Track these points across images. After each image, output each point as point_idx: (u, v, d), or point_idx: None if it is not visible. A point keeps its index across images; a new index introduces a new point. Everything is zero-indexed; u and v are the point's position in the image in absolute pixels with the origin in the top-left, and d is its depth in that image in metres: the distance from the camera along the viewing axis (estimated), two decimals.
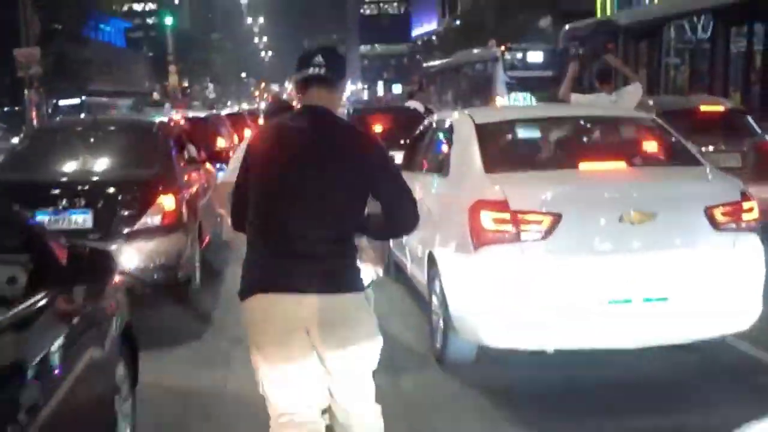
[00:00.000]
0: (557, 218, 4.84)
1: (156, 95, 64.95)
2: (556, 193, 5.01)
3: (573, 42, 17.72)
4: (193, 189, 8.15)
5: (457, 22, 57.87)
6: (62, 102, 44.32)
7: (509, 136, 6.52)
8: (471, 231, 4.99)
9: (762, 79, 11.07)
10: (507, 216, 4.90)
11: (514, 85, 24.03)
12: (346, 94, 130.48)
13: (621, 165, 5.58)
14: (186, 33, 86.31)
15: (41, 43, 47.34)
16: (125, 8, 78.98)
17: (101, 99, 49.61)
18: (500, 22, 40.72)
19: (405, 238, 6.46)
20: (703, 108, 9.69)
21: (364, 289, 3.10)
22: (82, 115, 44.28)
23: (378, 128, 12.53)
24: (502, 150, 6.25)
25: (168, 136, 8.32)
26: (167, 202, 7.01)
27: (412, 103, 19.87)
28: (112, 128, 9.11)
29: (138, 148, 8.05)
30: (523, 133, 6.49)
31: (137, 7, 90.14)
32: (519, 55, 26.06)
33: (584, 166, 5.51)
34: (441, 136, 6.92)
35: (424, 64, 44.97)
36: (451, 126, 6.50)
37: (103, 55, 62.49)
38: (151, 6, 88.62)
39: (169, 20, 50.13)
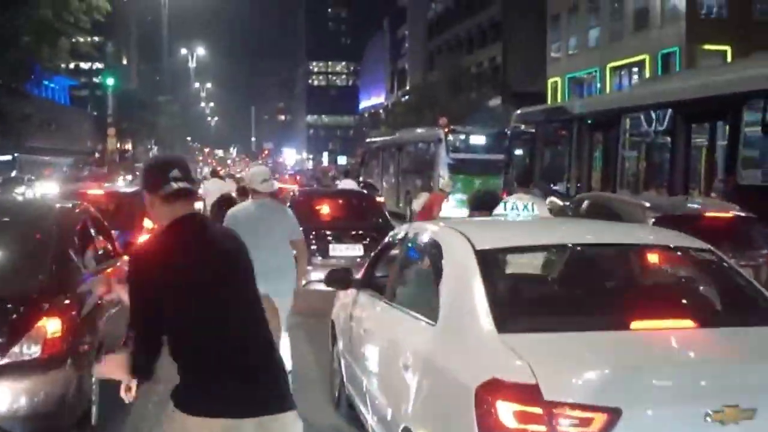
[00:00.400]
0: (615, 416, 3.23)
1: (97, 155, 63.73)
2: (613, 377, 3.39)
3: (525, 125, 17.34)
4: (95, 299, 5.97)
5: (406, 98, 58.68)
6: None
7: (528, 272, 4.80)
8: (479, 426, 3.35)
9: (726, 176, 10.95)
10: (539, 411, 3.24)
11: (457, 167, 24.06)
12: (290, 162, 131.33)
13: (688, 324, 3.99)
14: (132, 93, 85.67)
15: None
16: (72, 66, 77.93)
17: (35, 156, 48.06)
18: (452, 98, 41.35)
19: (366, 385, 5.13)
20: (710, 214, 8.54)
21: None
22: (13, 173, 43.06)
23: (325, 212, 12.40)
24: (519, 294, 4.43)
25: (68, 227, 6.53)
26: (50, 325, 5.25)
27: (347, 183, 20.29)
28: None
29: (23, 246, 6.14)
30: (549, 266, 4.86)
31: (84, 65, 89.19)
32: (462, 137, 25.94)
33: (640, 325, 3.86)
34: (422, 258, 5.22)
35: (367, 140, 45.57)
36: (437, 246, 4.63)
37: (45, 112, 61.13)
38: (98, 65, 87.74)
39: (110, 81, 49.32)
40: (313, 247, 10.17)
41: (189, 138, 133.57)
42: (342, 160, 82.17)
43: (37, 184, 37.47)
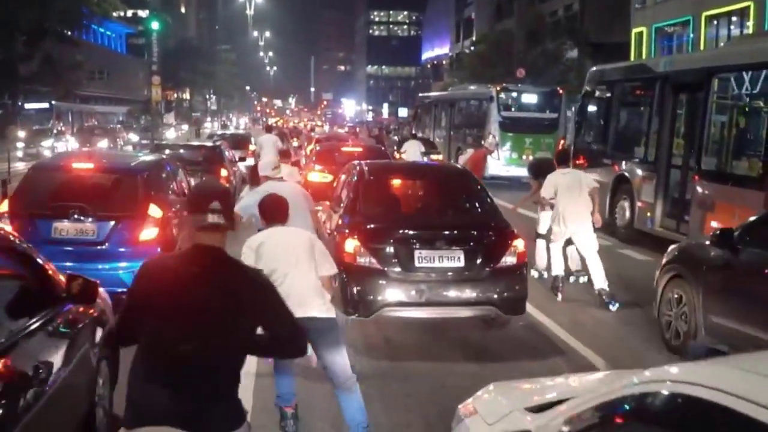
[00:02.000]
0: None
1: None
2: None
3: (599, 86, 15.63)
4: None
5: (472, 48, 55.55)
6: (28, 105, 40.35)
7: None
8: None
9: None
10: None
11: (507, 125, 23.98)
12: (350, 113, 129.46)
13: None
14: (190, 42, 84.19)
15: (29, 41, 44.42)
16: (129, 13, 76.48)
17: (76, 105, 45.84)
18: (528, 49, 37.97)
19: None
20: None
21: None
22: (51, 122, 41.10)
23: (406, 200, 8.37)
24: None
25: None
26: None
27: (413, 147, 19.51)
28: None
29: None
30: None
31: (143, 13, 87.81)
32: (514, 95, 25.70)
33: None
34: None
35: (420, 94, 44.89)
36: None
37: (98, 60, 59.67)
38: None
39: (155, 25, 46.89)
40: (390, 252, 6.81)
41: (248, 87, 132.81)
42: (403, 112, 79.72)
43: (67, 138, 34.12)
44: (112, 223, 7.61)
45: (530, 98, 25.65)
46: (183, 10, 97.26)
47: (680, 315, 7.02)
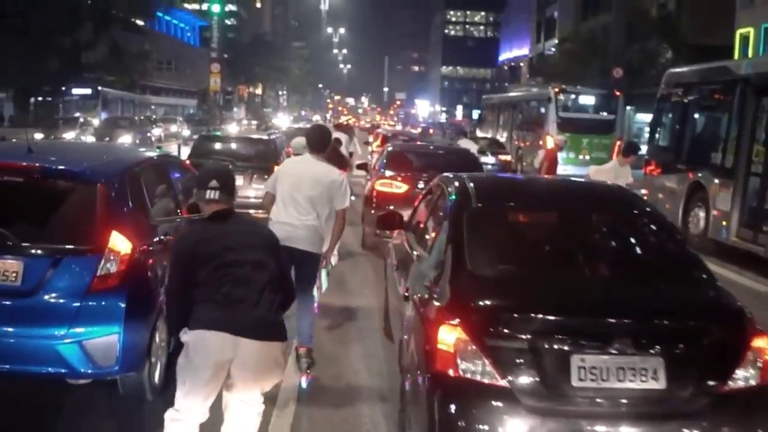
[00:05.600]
0: None
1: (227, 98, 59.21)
2: None
3: (676, 89, 15.23)
4: None
5: (553, 49, 52.07)
6: (75, 90, 37.85)
7: None
8: None
9: None
10: None
11: (565, 125, 24.46)
12: (423, 114, 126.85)
13: None
14: (264, 37, 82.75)
15: (96, 28, 42.69)
16: (204, 6, 75.24)
17: (125, 93, 43.31)
18: (625, 47, 34.42)
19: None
20: None
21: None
22: (97, 109, 38.63)
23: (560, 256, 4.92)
24: None
25: None
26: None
27: (464, 142, 21.18)
28: None
29: None
30: None
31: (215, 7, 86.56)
32: (572, 97, 26.65)
33: None
34: None
35: (484, 96, 47.66)
36: None
37: (167, 51, 58.04)
38: (231, 6, 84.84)
39: (216, 7, 44.50)
40: (524, 357, 3.53)
41: (320, 85, 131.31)
42: (476, 114, 76.75)
43: (91, 129, 29.50)
44: (48, 260, 4.62)
45: (588, 99, 26.72)
46: (258, 5, 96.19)
47: None
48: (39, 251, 4.65)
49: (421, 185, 10.84)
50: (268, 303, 3.73)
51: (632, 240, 4.66)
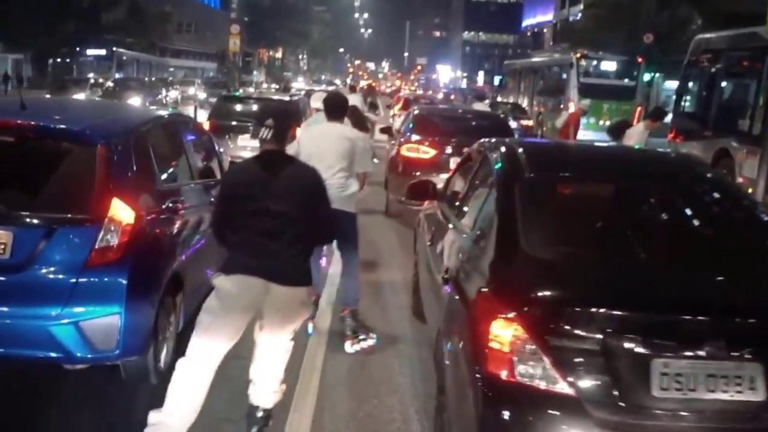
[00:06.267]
0: None
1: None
2: None
3: (704, 56, 15.10)
4: None
5: (579, 15, 50.83)
6: (89, 51, 37.04)
7: None
8: None
9: None
10: None
11: (586, 91, 24.35)
12: (444, 80, 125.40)
13: None
14: (285, 1, 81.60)
15: None
16: None
17: (140, 54, 42.32)
18: (655, 14, 33.41)
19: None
20: None
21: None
22: (112, 70, 37.80)
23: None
24: None
25: None
26: None
27: (478, 106, 21.44)
28: None
29: None
30: None
31: None
32: (594, 63, 26.82)
33: None
34: None
35: (506, 62, 47.17)
36: None
37: (187, 12, 57.26)
38: None
39: None
40: (593, 358, 2.92)
41: (341, 49, 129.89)
42: (498, 80, 75.54)
43: (99, 90, 28.03)
44: (40, 231, 4.10)
45: (609, 66, 26.93)
46: None
47: None
48: (30, 220, 4.11)
49: (449, 150, 10.33)
50: (298, 252, 3.91)
51: (714, 218, 3.96)
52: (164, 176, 4.94)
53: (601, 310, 2.94)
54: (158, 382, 4.56)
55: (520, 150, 4.23)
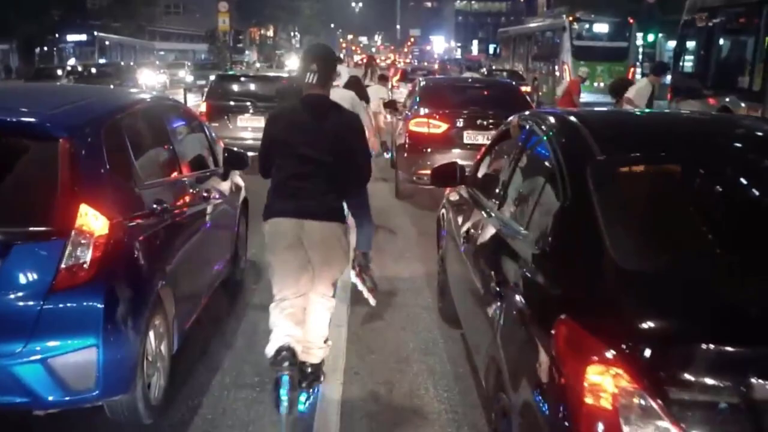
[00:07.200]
0: None
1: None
2: None
3: (700, 14, 14.87)
4: None
5: None
6: (69, 37, 35.78)
7: None
8: None
9: None
10: None
11: (580, 54, 25.00)
12: (438, 50, 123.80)
13: None
14: None
15: None
16: None
17: (125, 38, 41.09)
18: None
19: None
20: None
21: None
22: (94, 56, 36.64)
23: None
24: None
25: None
26: None
27: (468, 75, 21.63)
28: None
29: None
30: None
31: None
32: (586, 25, 26.89)
33: None
34: None
35: (500, 29, 47.56)
36: None
37: None
38: None
39: None
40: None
41: (332, 25, 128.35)
42: (492, 48, 74.50)
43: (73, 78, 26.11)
44: None
45: (602, 27, 26.93)
46: None
47: None
48: None
49: (460, 123, 9.57)
50: (330, 191, 3.96)
51: None
52: (145, 173, 4.12)
53: (743, 349, 2.12)
54: (153, 419, 3.83)
55: (578, 122, 3.33)
